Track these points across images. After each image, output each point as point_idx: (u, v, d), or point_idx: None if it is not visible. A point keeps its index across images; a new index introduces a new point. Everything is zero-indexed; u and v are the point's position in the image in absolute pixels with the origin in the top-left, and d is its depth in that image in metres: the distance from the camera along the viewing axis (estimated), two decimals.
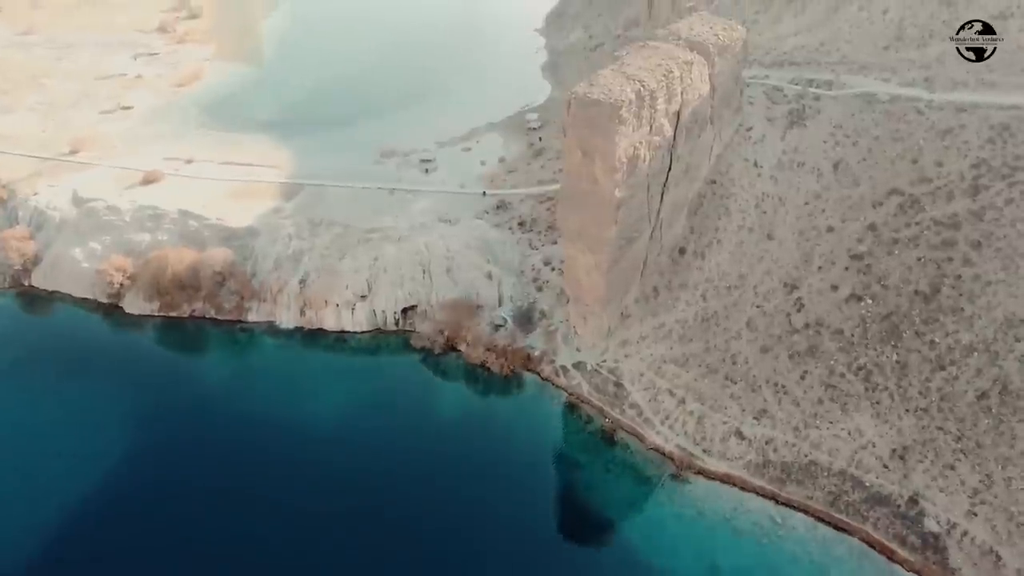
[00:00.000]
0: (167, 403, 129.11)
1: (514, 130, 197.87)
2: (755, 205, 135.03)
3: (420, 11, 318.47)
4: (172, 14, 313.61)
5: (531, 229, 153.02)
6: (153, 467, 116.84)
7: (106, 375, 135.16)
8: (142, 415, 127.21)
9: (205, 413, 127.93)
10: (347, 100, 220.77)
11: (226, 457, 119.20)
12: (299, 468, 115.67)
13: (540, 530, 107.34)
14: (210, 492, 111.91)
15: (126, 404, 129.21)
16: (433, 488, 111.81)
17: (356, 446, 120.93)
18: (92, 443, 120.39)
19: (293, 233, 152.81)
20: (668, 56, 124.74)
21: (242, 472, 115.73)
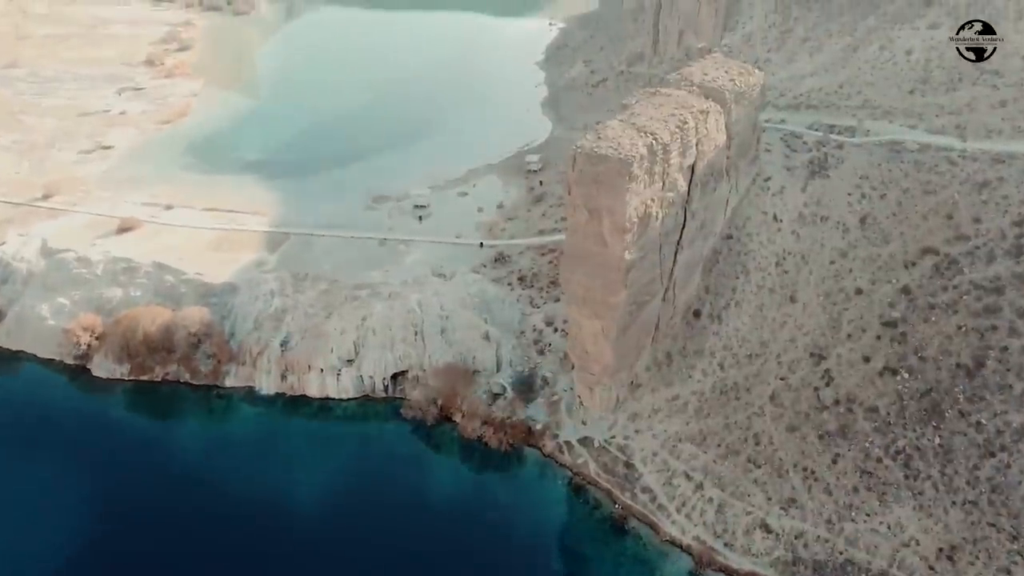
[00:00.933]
0: (134, 477, 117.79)
1: (513, 172, 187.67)
2: (775, 263, 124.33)
3: (417, 44, 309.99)
4: (162, 46, 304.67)
5: (532, 284, 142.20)
6: (119, 547, 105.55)
7: (68, 445, 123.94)
8: (107, 490, 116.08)
9: (176, 488, 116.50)
10: (339, 139, 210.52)
11: (199, 535, 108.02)
12: (278, 549, 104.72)
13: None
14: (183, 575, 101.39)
15: (89, 478, 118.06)
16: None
17: (339, 527, 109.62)
18: (50, 522, 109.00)
19: (276, 289, 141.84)
20: (681, 104, 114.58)
21: (217, 552, 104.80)
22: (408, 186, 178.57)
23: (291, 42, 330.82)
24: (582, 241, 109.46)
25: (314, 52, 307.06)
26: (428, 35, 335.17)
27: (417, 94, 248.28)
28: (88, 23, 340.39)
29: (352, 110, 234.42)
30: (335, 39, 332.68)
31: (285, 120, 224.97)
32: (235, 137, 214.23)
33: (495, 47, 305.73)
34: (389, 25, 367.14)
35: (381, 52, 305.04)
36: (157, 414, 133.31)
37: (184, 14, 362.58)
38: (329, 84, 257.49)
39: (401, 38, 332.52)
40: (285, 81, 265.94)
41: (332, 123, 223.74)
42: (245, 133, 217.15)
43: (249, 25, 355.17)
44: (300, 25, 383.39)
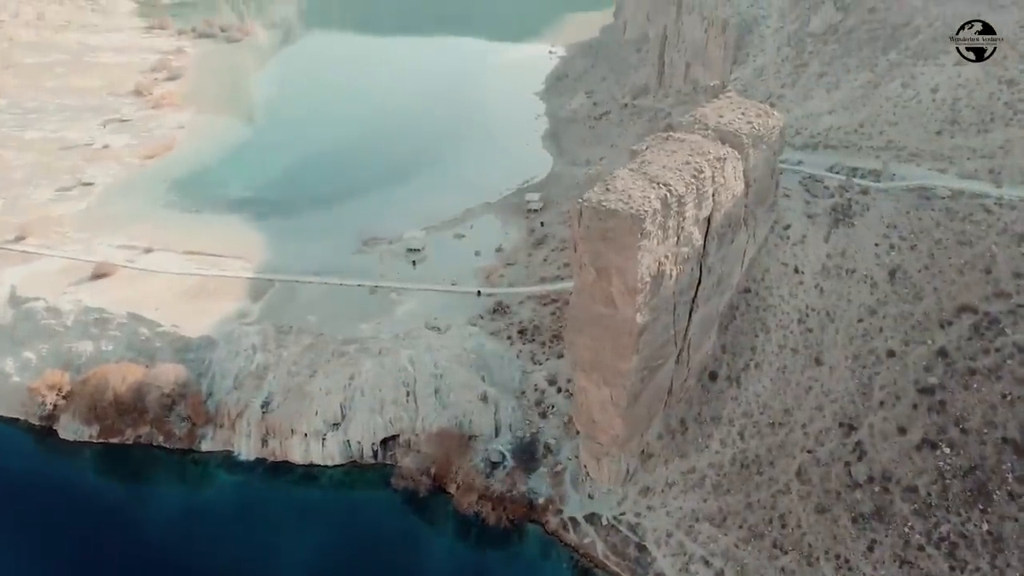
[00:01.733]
0: (102, 550, 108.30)
1: (512, 212, 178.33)
2: (798, 320, 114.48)
3: (415, 71, 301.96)
4: (151, 75, 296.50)
5: (533, 338, 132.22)
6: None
7: (30, 514, 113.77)
8: (72, 564, 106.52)
9: (148, 562, 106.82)
10: (331, 174, 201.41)
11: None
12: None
13: None
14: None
15: (53, 550, 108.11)
16: None
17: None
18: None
19: (258, 344, 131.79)
20: (696, 151, 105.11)
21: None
22: (401, 227, 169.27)
23: (285, 70, 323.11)
24: (589, 302, 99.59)
25: (308, 80, 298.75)
26: (426, 62, 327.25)
27: (413, 126, 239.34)
28: (76, 51, 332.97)
29: (345, 143, 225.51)
30: (331, 66, 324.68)
31: (275, 154, 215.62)
32: (221, 173, 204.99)
33: (494, 74, 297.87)
34: (386, 51, 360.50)
35: (377, 80, 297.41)
36: (127, 480, 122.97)
37: (176, 41, 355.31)
38: (323, 115, 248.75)
39: (398, 65, 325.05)
40: (277, 112, 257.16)
41: (324, 157, 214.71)
42: (232, 168, 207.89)
43: (243, 52, 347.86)
44: (295, 51, 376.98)
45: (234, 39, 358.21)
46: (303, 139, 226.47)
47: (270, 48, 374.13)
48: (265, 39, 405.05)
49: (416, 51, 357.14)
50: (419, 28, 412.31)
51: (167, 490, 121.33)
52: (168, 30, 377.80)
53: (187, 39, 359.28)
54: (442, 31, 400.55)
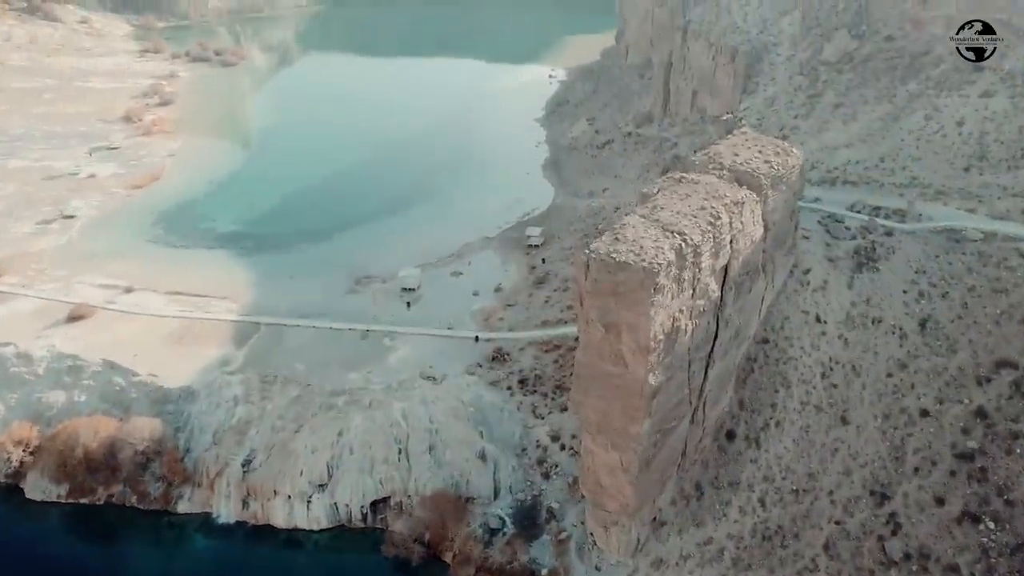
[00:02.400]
0: None
1: (512, 247, 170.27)
2: (821, 375, 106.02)
3: (412, 96, 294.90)
4: (142, 100, 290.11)
5: (535, 389, 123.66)
6: None
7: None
8: None
9: None
10: (324, 207, 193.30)
11: None
12: None
13: None
14: None
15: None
16: None
17: None
18: None
19: (240, 395, 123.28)
20: (712, 194, 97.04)
21: None
22: (396, 263, 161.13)
23: (280, 95, 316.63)
24: (596, 360, 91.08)
25: (303, 105, 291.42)
26: (425, 85, 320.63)
27: (411, 154, 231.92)
28: (67, 75, 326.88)
29: (340, 172, 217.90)
30: (327, 90, 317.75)
31: (266, 184, 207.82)
32: (210, 205, 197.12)
33: (493, 99, 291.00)
34: (385, 73, 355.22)
35: (374, 105, 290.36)
36: (98, 544, 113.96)
37: (170, 65, 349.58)
38: (317, 142, 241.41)
39: (396, 88, 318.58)
40: (270, 139, 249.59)
41: (317, 188, 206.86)
42: (221, 200, 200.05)
43: (237, 76, 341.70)
44: (292, 75, 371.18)
45: (229, 63, 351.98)
46: (296, 168, 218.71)
47: (266, 71, 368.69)
48: (262, 61, 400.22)
49: (415, 74, 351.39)
50: (418, 49, 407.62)
51: (141, 555, 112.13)
52: (162, 54, 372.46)
53: (181, 63, 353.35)
54: (442, 52, 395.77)
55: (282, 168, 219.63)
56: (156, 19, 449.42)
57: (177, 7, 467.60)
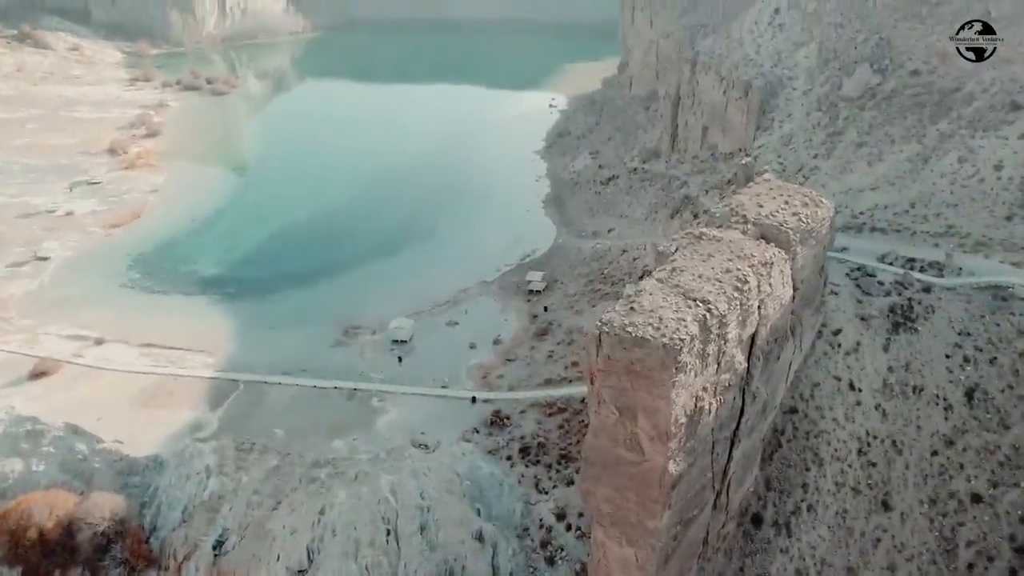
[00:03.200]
0: None
1: (512, 293, 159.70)
2: (858, 451, 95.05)
3: (409, 124, 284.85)
4: (128, 132, 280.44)
5: (537, 459, 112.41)
6: None
7: None
8: None
9: None
10: (312, 249, 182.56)
11: None
12: None
13: None
14: None
15: None
16: None
17: None
18: None
19: (213, 466, 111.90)
20: (737, 254, 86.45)
21: None
22: (387, 311, 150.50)
23: (271, 125, 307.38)
24: (609, 446, 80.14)
25: (295, 136, 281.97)
26: (421, 112, 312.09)
27: (404, 188, 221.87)
28: (53, 105, 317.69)
29: (331, 208, 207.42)
30: (321, 118, 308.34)
31: (252, 222, 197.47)
32: (192, 245, 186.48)
33: (492, 128, 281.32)
34: (381, 101, 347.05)
35: (369, 133, 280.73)
36: None
37: (159, 94, 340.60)
38: (308, 175, 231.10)
39: (392, 117, 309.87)
40: (259, 173, 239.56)
41: (306, 225, 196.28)
42: (204, 240, 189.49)
43: (229, 105, 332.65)
44: (285, 103, 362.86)
45: (220, 92, 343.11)
46: (285, 203, 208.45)
47: (259, 99, 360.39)
48: (257, 88, 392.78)
49: (412, 100, 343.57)
50: (417, 75, 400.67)
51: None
52: (153, 82, 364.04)
53: (171, 92, 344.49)
54: (440, 79, 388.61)
55: (270, 204, 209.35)
56: (149, 46, 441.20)
57: (171, 34, 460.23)
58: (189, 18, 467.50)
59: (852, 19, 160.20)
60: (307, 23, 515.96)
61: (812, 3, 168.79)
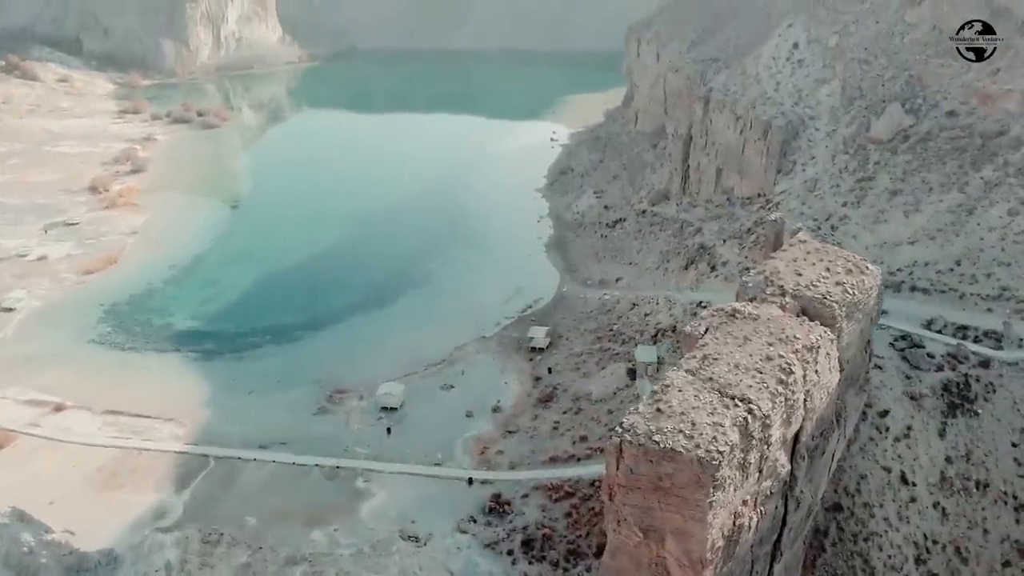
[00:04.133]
0: None
1: (513, 351, 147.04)
2: (916, 558, 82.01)
3: (406, 158, 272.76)
4: (112, 167, 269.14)
5: (543, 555, 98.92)
6: None
7: None
8: None
9: None
10: (296, 299, 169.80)
11: None
12: None
13: None
14: None
15: None
16: None
17: None
18: None
19: (174, 561, 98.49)
20: (778, 335, 73.67)
21: None
22: (376, 372, 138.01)
23: (262, 159, 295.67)
24: (630, 569, 67.20)
25: (286, 171, 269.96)
26: (419, 146, 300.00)
27: (398, 229, 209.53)
28: (38, 139, 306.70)
29: (319, 253, 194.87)
30: (315, 151, 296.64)
31: (236, 270, 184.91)
32: (169, 295, 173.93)
33: (491, 163, 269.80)
34: (378, 132, 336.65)
35: (363, 170, 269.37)
36: None
37: (148, 127, 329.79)
38: (297, 216, 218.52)
39: (388, 148, 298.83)
40: (245, 213, 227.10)
41: (292, 273, 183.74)
42: (183, 288, 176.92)
43: (218, 139, 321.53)
44: (278, 135, 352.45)
45: (211, 124, 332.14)
46: (271, 249, 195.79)
47: (252, 132, 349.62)
48: (252, 119, 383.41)
49: (409, 133, 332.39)
50: (414, 105, 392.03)
51: None
52: (142, 114, 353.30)
53: (160, 125, 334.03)
54: (438, 108, 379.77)
55: (255, 248, 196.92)
56: (141, 77, 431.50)
57: (164, 64, 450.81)
58: (183, 48, 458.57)
59: (878, 55, 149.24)
60: (304, 53, 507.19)
61: (833, 38, 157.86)
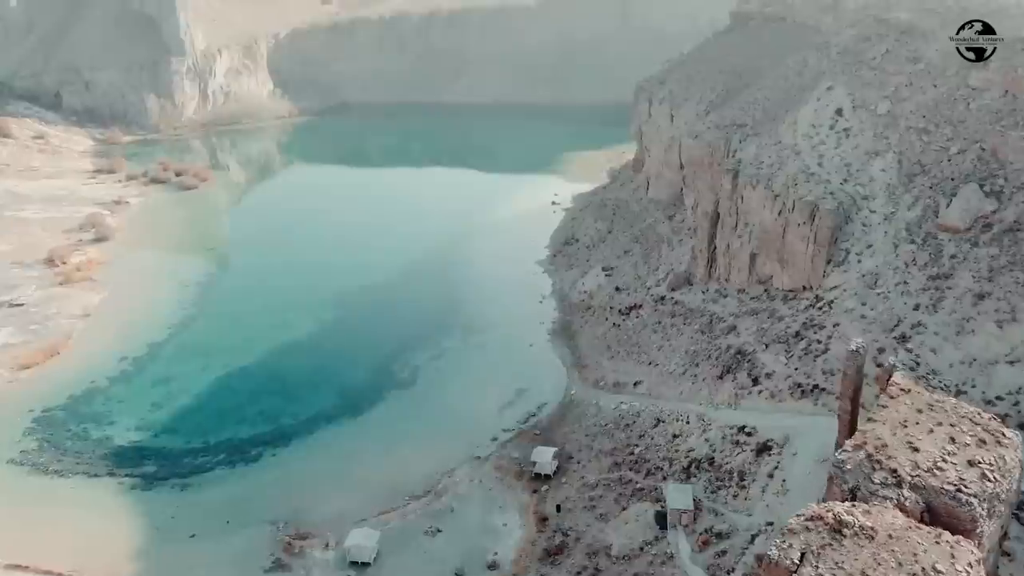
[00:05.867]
0: None
1: (513, 478, 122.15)
2: None
3: (391, 230, 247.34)
4: (75, 236, 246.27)
5: None
6: None
7: None
8: None
9: None
10: (259, 406, 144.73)
11: None
12: None
13: None
14: None
15: None
16: None
17: None
18: None
19: None
20: (901, 559, 50.00)
21: None
22: (346, 507, 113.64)
23: (240, 225, 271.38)
24: None
25: (264, 239, 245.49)
26: (410, 208, 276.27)
27: (383, 315, 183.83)
28: (1, 202, 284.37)
29: (290, 347, 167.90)
30: (298, 217, 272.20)
31: (195, 364, 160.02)
32: (115, 396, 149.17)
33: (488, 231, 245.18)
34: (367, 193, 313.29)
35: (350, 237, 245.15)
36: None
37: (121, 189, 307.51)
38: (269, 299, 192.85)
39: (377, 212, 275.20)
40: (213, 293, 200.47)
41: (258, 370, 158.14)
42: (131, 389, 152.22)
43: (196, 202, 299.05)
44: (263, 195, 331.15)
45: (188, 186, 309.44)
46: (237, 339, 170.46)
47: (232, 194, 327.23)
48: (236, 177, 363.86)
49: (401, 191, 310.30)
50: (408, 161, 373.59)
51: None
52: (117, 174, 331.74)
53: (135, 186, 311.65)
54: (434, 165, 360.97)
55: (219, 338, 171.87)
56: (122, 133, 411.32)
57: (147, 120, 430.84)
58: (167, 103, 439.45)
59: (940, 124, 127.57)
60: (294, 107, 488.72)
61: (884, 103, 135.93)
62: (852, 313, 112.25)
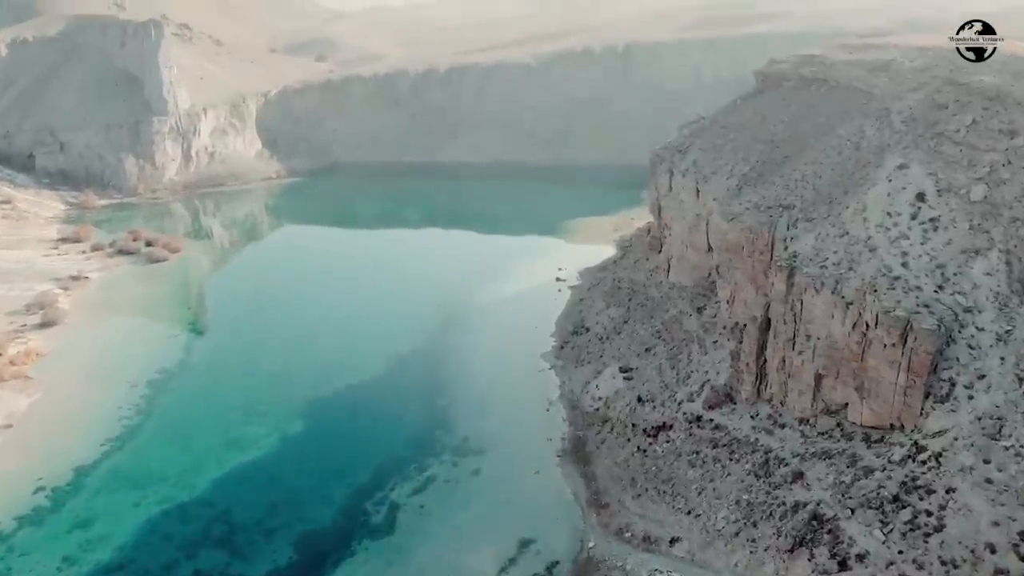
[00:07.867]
0: None
1: None
2: None
3: (374, 328, 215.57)
4: (20, 319, 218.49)
5: None
6: None
7: None
8: None
9: None
10: (195, 565, 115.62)
11: None
12: None
13: None
14: None
15: None
16: None
17: None
18: None
19: None
20: None
21: None
22: None
23: (207, 309, 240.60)
24: None
25: (231, 330, 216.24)
26: (401, 286, 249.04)
27: (358, 436, 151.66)
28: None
29: (245, 475, 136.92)
30: (274, 295, 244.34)
31: (125, 498, 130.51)
32: (18, 547, 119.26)
33: (485, 318, 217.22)
34: (353, 263, 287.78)
35: (329, 325, 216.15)
36: None
37: (81, 262, 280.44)
38: (229, 409, 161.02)
39: (361, 288, 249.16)
40: (160, 399, 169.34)
41: (201, 511, 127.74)
42: (42, 533, 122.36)
43: (163, 277, 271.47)
44: (235, 269, 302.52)
45: (157, 258, 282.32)
46: (184, 464, 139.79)
47: (203, 266, 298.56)
48: (213, 245, 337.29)
49: (391, 261, 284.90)
50: (401, 224, 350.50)
51: None
52: (83, 243, 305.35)
53: (98, 258, 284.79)
54: (428, 228, 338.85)
55: (162, 460, 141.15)
56: (98, 196, 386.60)
57: (124, 182, 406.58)
58: (147, 165, 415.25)
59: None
60: (282, 168, 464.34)
61: (978, 186, 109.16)
62: (972, 475, 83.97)
